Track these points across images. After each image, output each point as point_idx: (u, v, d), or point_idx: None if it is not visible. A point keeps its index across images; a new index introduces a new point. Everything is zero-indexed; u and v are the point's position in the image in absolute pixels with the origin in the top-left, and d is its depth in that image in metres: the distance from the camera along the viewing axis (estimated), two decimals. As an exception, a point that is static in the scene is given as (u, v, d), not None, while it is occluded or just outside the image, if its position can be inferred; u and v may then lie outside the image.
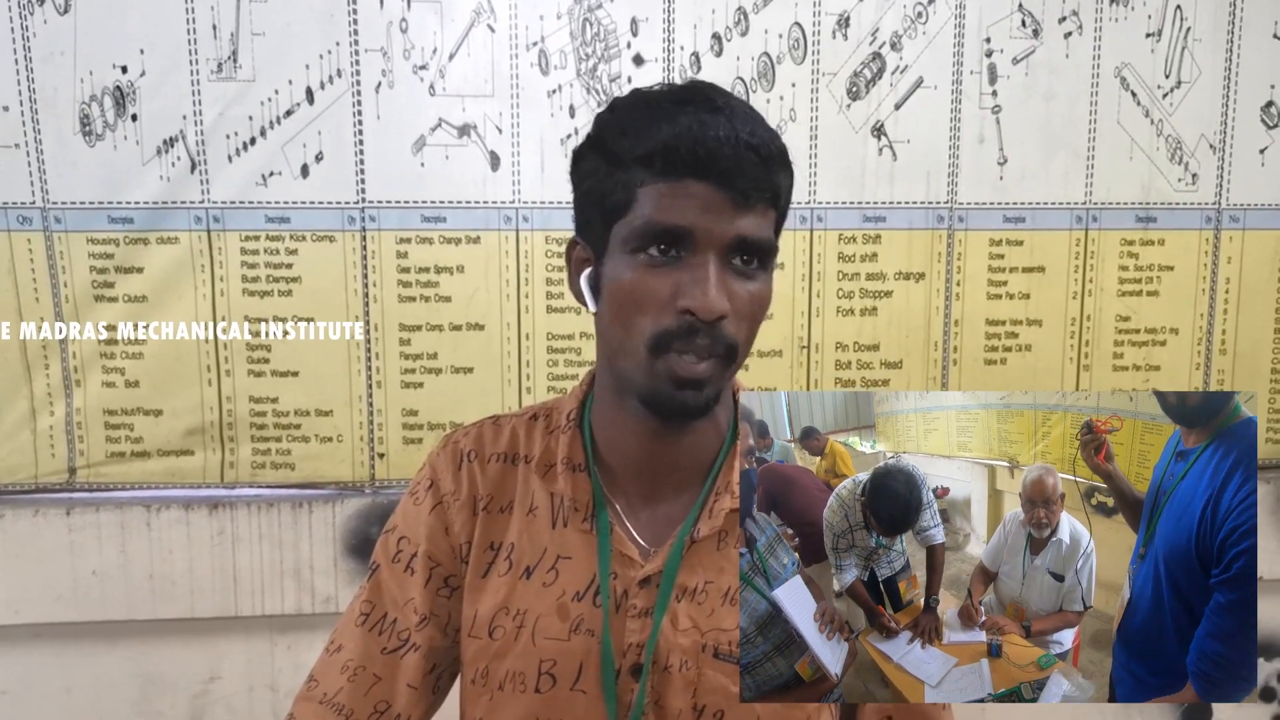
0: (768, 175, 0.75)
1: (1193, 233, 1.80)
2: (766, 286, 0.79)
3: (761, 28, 1.67)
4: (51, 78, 1.58)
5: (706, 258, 0.74)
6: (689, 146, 0.73)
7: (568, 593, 0.84)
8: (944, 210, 1.75)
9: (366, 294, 1.68)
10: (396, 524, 0.92)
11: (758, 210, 0.75)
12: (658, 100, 0.77)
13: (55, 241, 1.63)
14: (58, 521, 1.65)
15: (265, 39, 1.60)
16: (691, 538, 0.84)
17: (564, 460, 0.87)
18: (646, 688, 0.81)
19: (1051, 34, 1.72)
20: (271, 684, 1.75)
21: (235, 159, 1.62)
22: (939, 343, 1.79)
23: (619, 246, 0.77)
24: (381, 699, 0.87)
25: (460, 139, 1.65)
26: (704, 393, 0.78)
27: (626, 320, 0.77)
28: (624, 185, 0.76)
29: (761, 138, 0.74)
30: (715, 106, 0.75)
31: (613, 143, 0.77)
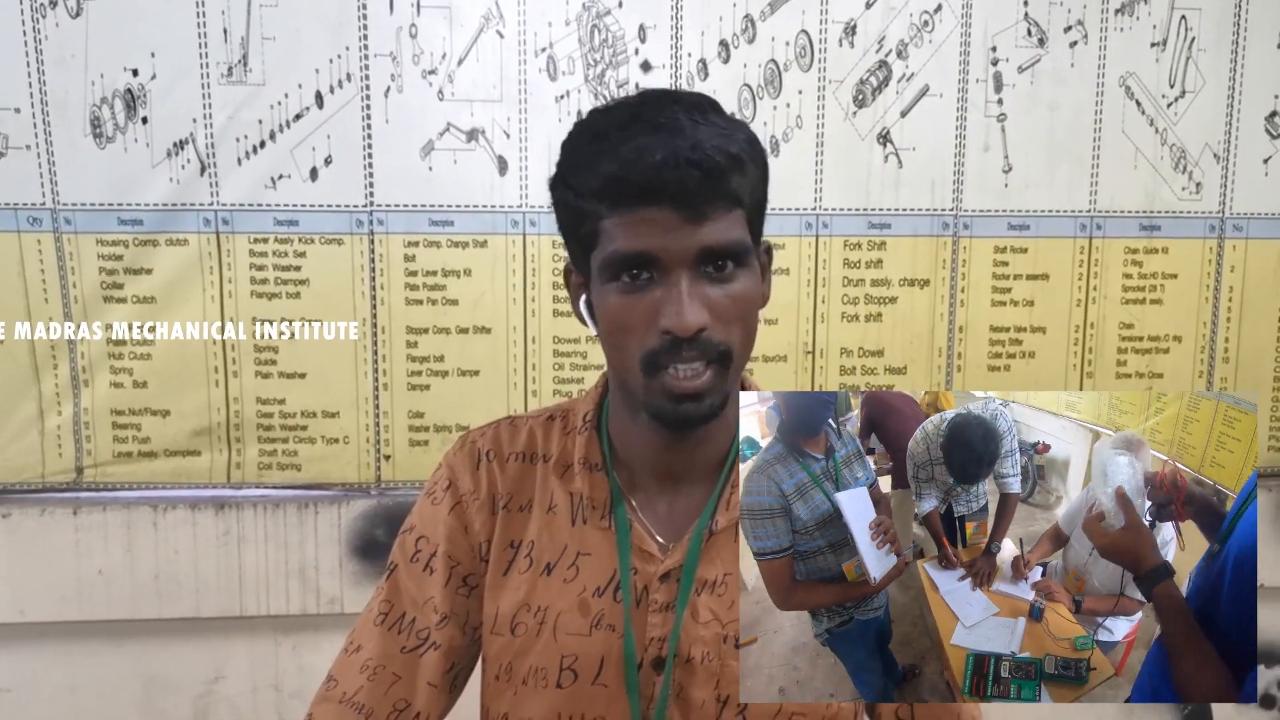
0: (717, 186, 0.75)
1: (1196, 241, 1.81)
2: (749, 282, 0.79)
3: (769, 35, 1.68)
4: (63, 80, 1.59)
5: (677, 276, 0.76)
6: (634, 176, 0.74)
7: (588, 589, 0.85)
8: (949, 217, 1.76)
9: (374, 297, 1.69)
10: (414, 524, 0.93)
11: (717, 217, 0.76)
12: (605, 129, 0.78)
13: (65, 243, 1.63)
14: (64, 521, 1.66)
15: (275, 43, 1.61)
16: (710, 530, 0.85)
17: (581, 460, 0.89)
18: (671, 680, 0.82)
19: (1057, 43, 1.73)
20: (276, 684, 1.75)
21: (244, 162, 1.63)
22: (943, 349, 1.79)
23: (598, 275, 0.80)
24: (401, 698, 0.87)
25: (468, 143, 1.66)
26: (705, 403, 0.79)
27: (618, 344, 0.80)
28: (587, 217, 0.78)
29: (706, 149, 0.74)
30: (657, 125, 0.75)
31: (571, 177, 0.80)
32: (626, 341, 0.79)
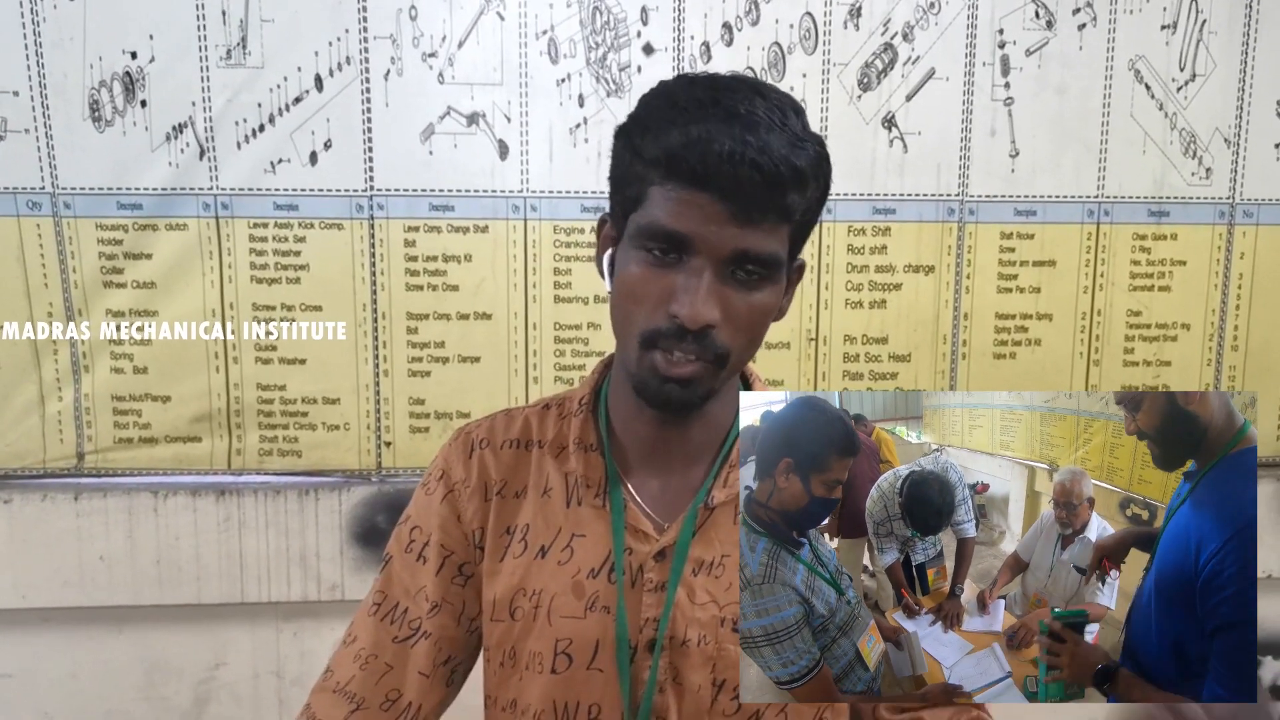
0: (772, 195, 0.73)
1: (1206, 227, 1.78)
2: (772, 296, 0.78)
3: (772, 17, 1.66)
4: (61, 63, 1.58)
5: (703, 266, 0.75)
6: (694, 158, 0.72)
7: (583, 570, 0.84)
8: (954, 203, 1.74)
9: (374, 282, 1.68)
10: (409, 515, 0.93)
11: (764, 227, 0.75)
12: (685, 100, 0.75)
13: (64, 227, 1.63)
14: (65, 507, 1.66)
15: (274, 25, 1.60)
16: (706, 505, 0.84)
17: (576, 441, 0.88)
18: (663, 663, 0.82)
19: (1065, 26, 1.71)
20: (277, 671, 1.75)
21: (244, 146, 1.62)
22: (948, 336, 1.78)
23: (631, 237, 0.78)
24: (392, 687, 0.87)
25: (469, 127, 1.65)
26: (689, 390, 0.78)
27: (625, 311, 0.79)
28: (640, 180, 0.77)
29: (773, 155, 0.72)
30: (734, 114, 0.73)
31: (636, 136, 0.78)
32: (634, 311, 0.78)
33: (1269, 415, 1.85)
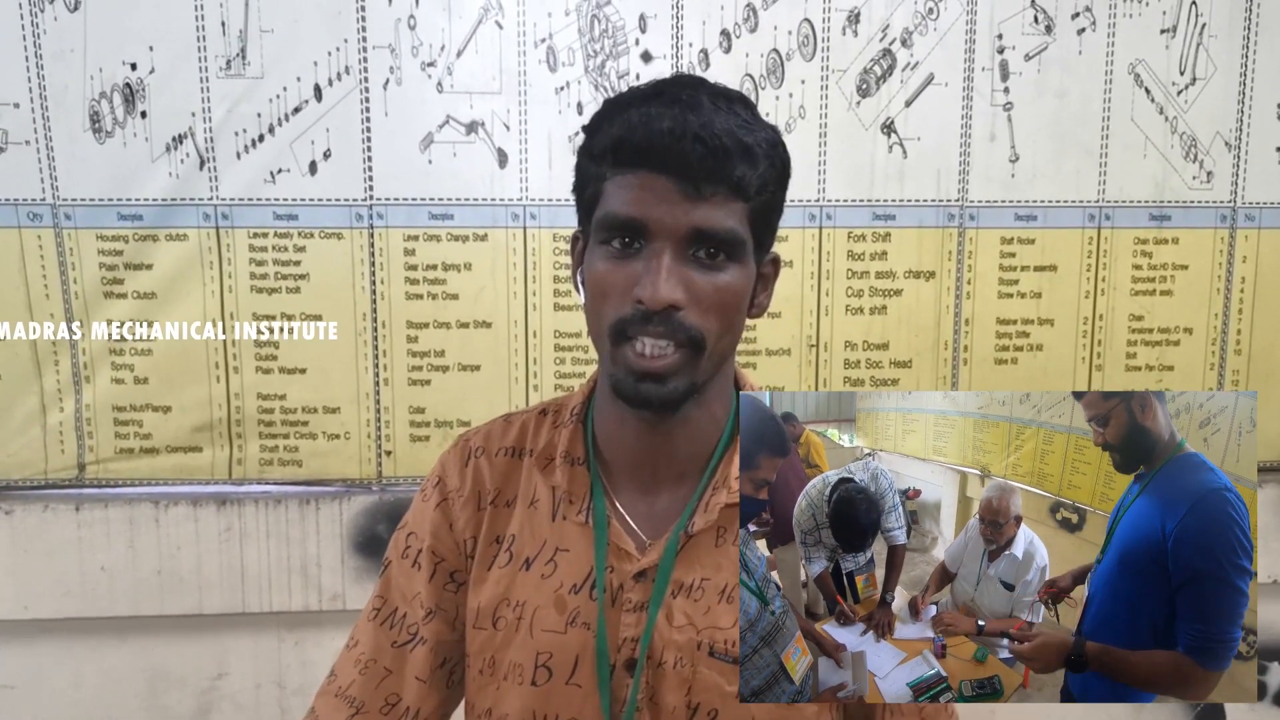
0: (720, 167, 0.74)
1: (1207, 231, 1.78)
2: (737, 278, 0.78)
3: (771, 24, 1.66)
4: (61, 75, 1.59)
5: (662, 248, 0.75)
6: (638, 138, 0.74)
7: (565, 585, 0.84)
8: (955, 208, 1.74)
9: (374, 291, 1.68)
10: (407, 521, 0.94)
11: (714, 201, 0.75)
12: (628, 99, 0.78)
13: (65, 238, 1.63)
14: (67, 517, 1.66)
15: (273, 36, 1.60)
16: (686, 532, 0.83)
17: (563, 454, 0.88)
18: (641, 683, 0.81)
19: (1064, 30, 1.70)
20: (279, 680, 1.75)
21: (244, 156, 1.63)
22: (949, 342, 1.77)
23: (593, 237, 0.80)
24: (392, 692, 0.88)
25: (468, 136, 1.65)
26: (667, 386, 0.77)
27: (596, 309, 0.79)
28: (595, 179, 0.79)
29: (716, 129, 0.74)
30: (675, 100, 0.75)
31: (588, 139, 0.80)
32: (603, 307, 0.78)
33: (1273, 419, 1.84)
